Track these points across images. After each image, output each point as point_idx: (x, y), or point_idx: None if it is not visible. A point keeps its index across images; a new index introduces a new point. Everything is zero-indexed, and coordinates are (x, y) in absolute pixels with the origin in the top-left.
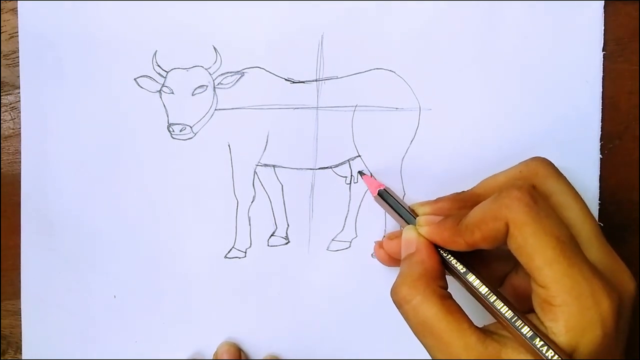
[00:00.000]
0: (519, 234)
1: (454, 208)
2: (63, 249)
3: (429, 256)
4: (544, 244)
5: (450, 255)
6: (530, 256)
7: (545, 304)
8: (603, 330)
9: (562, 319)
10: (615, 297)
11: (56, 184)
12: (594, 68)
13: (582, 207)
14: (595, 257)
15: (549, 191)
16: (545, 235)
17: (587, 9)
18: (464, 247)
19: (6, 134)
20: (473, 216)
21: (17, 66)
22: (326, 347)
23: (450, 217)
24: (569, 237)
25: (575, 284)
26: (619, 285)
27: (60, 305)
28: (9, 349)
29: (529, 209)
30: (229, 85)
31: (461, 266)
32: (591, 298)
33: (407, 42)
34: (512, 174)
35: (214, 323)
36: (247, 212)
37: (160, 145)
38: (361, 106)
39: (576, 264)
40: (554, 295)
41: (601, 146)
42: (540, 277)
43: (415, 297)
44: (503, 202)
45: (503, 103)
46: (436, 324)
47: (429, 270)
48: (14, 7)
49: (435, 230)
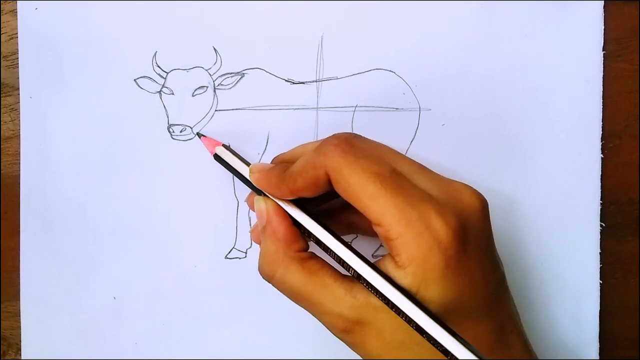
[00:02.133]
0: (340, 178)
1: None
2: (63, 250)
3: (280, 223)
4: (364, 182)
5: (301, 212)
6: (357, 197)
7: (387, 242)
8: (443, 254)
9: (402, 251)
10: (451, 217)
11: (56, 185)
12: (594, 68)
13: (385, 151)
14: (424, 185)
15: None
16: (364, 173)
17: (587, 9)
18: (288, 195)
19: (6, 136)
20: (296, 165)
21: (17, 67)
22: (326, 347)
23: (279, 166)
24: (390, 171)
25: (403, 212)
26: (457, 204)
27: (60, 307)
28: (9, 350)
29: (345, 153)
30: (229, 86)
31: (308, 221)
32: (421, 222)
33: (407, 42)
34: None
35: (214, 323)
36: (247, 213)
37: (160, 146)
38: (361, 106)
39: (400, 193)
40: (388, 229)
41: (601, 146)
42: (372, 215)
43: (277, 271)
44: (322, 150)
45: (503, 103)
46: (303, 288)
47: (282, 239)
48: (14, 9)
49: (264, 176)
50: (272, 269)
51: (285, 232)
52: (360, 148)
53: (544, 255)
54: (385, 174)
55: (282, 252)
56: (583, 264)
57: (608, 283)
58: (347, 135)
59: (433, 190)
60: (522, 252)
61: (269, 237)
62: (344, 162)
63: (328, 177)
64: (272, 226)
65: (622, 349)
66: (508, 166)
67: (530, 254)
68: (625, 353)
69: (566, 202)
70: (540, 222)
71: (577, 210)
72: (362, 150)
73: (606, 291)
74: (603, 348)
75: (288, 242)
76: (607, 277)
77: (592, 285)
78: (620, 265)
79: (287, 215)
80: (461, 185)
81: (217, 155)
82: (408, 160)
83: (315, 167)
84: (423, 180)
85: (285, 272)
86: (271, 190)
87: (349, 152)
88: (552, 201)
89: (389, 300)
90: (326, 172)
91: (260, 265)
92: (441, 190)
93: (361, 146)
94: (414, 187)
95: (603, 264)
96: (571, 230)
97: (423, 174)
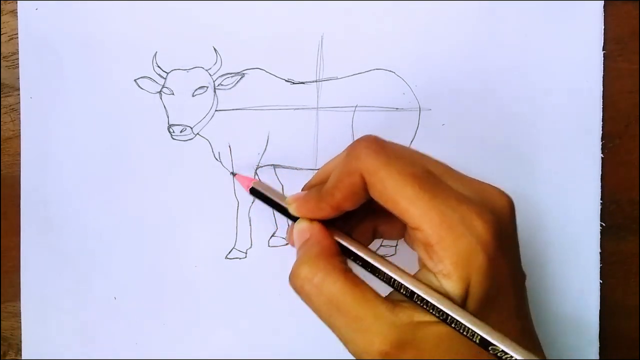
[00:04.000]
0: (375, 180)
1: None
2: (63, 250)
3: (325, 237)
4: (402, 184)
5: (343, 240)
6: (394, 200)
7: (427, 249)
8: (486, 254)
9: (445, 256)
10: (489, 217)
11: (56, 185)
12: (594, 68)
13: (414, 153)
14: (456, 186)
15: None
16: (400, 175)
17: (587, 9)
18: (330, 212)
19: (6, 136)
20: (331, 179)
21: (17, 68)
22: (326, 347)
23: (314, 188)
24: (425, 172)
25: (444, 216)
26: (490, 205)
27: (61, 307)
28: (10, 350)
29: (378, 154)
30: (229, 86)
31: (353, 245)
32: (462, 225)
33: (407, 42)
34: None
35: (214, 323)
36: (247, 213)
37: (160, 147)
38: (361, 106)
39: (438, 195)
40: (429, 234)
41: (601, 146)
42: (410, 219)
43: (317, 274)
44: (353, 154)
45: (503, 103)
46: (342, 298)
47: (326, 248)
48: (14, 9)
49: (302, 203)
50: (311, 272)
51: (329, 244)
52: (391, 149)
53: (544, 255)
54: (422, 176)
55: (325, 258)
56: (583, 264)
57: (608, 283)
58: (374, 137)
59: (466, 191)
60: (522, 251)
61: (312, 244)
62: (379, 164)
63: (364, 183)
64: (315, 237)
65: (622, 349)
66: (508, 166)
67: (531, 254)
68: (625, 353)
69: (566, 202)
70: (541, 222)
71: (577, 210)
72: (394, 151)
73: (606, 291)
74: (603, 348)
75: (332, 252)
76: (607, 277)
77: (592, 285)
78: (620, 265)
79: (330, 233)
80: (490, 187)
81: (253, 189)
82: (436, 161)
83: (350, 173)
84: (454, 182)
85: (325, 277)
86: (312, 213)
87: (381, 152)
88: (552, 201)
89: (448, 316)
90: (361, 176)
91: (297, 268)
92: (473, 191)
93: (391, 147)
94: (450, 189)
95: (603, 264)
96: (571, 230)
97: (453, 175)
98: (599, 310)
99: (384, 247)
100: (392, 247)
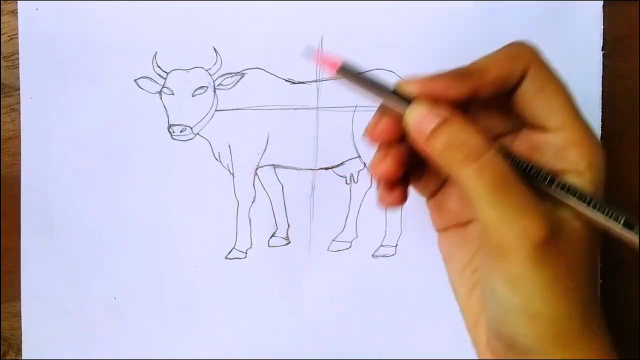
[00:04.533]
0: (542, 75)
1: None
2: (63, 250)
3: (468, 120)
4: (560, 89)
5: None
6: (549, 98)
7: (562, 148)
8: (603, 169)
9: (584, 157)
10: None
11: (56, 185)
12: (593, 67)
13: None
14: None
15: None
16: (558, 81)
17: (587, 9)
18: (466, 93)
19: (6, 136)
20: (484, 60)
21: (17, 68)
22: (327, 348)
23: (450, 70)
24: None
25: (583, 124)
26: None
27: (61, 307)
28: (10, 350)
29: (543, 57)
30: (229, 86)
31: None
32: (593, 136)
33: (407, 42)
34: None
35: (214, 324)
36: (247, 213)
37: (160, 147)
38: (361, 106)
39: (579, 114)
40: (572, 136)
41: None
42: (560, 118)
43: (490, 150)
44: (520, 46)
45: None
46: (511, 176)
47: (484, 132)
48: (14, 9)
49: (431, 80)
50: (484, 146)
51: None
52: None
53: None
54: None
55: (487, 138)
56: None
57: (608, 283)
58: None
59: None
60: None
61: (465, 122)
62: (547, 64)
63: (523, 75)
64: (462, 117)
65: (622, 349)
66: None
67: None
68: (625, 353)
69: None
70: None
71: None
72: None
73: (606, 291)
74: None
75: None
76: (607, 277)
77: None
78: (620, 265)
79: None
80: None
81: (343, 69)
82: None
83: (515, 58)
84: None
85: (497, 154)
86: (442, 90)
87: (545, 59)
88: None
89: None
90: (527, 65)
91: (466, 140)
92: None
93: None
94: None
95: (603, 264)
96: None
97: None
98: None
99: (384, 247)
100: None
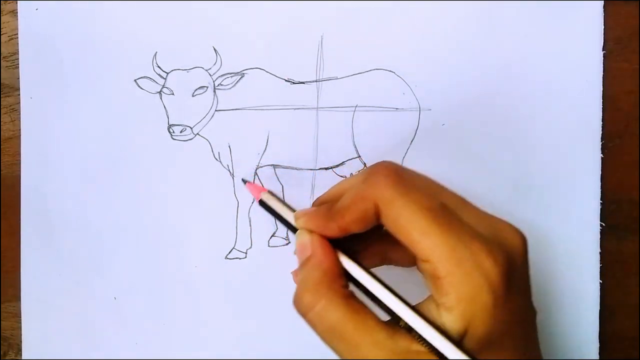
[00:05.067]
0: (390, 210)
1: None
2: (63, 250)
3: (326, 256)
4: (416, 216)
5: (345, 263)
6: (406, 231)
7: (434, 280)
8: (493, 293)
9: (451, 291)
10: (500, 256)
11: (56, 185)
12: (593, 68)
13: (432, 184)
14: (470, 221)
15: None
16: (416, 206)
17: (587, 9)
18: (337, 232)
19: (6, 136)
20: (344, 200)
21: (17, 68)
22: (326, 348)
23: (325, 205)
24: (441, 206)
25: (454, 251)
26: (503, 243)
27: (61, 307)
28: (10, 350)
29: (396, 185)
30: (229, 86)
31: (355, 270)
32: (472, 261)
33: (407, 42)
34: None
35: (214, 324)
36: (247, 213)
37: (160, 147)
38: (361, 106)
39: (451, 229)
40: (437, 267)
41: (601, 146)
42: (420, 251)
43: (319, 302)
44: (370, 182)
45: (503, 103)
46: (343, 327)
47: (328, 272)
48: (14, 9)
49: (310, 218)
50: (314, 299)
51: (331, 265)
52: (410, 179)
53: (544, 255)
54: (437, 209)
55: (327, 284)
56: (583, 264)
57: (608, 283)
58: (395, 166)
59: (479, 227)
60: None
61: (313, 266)
62: (396, 194)
63: (377, 210)
64: (317, 257)
65: (622, 349)
66: (508, 166)
67: (530, 254)
68: (625, 353)
69: (566, 201)
70: (541, 222)
71: (577, 210)
72: (412, 181)
73: (606, 291)
74: (603, 348)
75: (334, 275)
76: (607, 277)
77: (591, 285)
78: (620, 265)
79: (332, 250)
80: (504, 223)
81: (262, 201)
82: (452, 194)
83: (364, 199)
84: (468, 216)
85: (328, 305)
86: (319, 229)
87: (400, 183)
88: (552, 201)
89: (442, 355)
90: (375, 204)
91: (300, 294)
92: (486, 228)
93: (410, 177)
94: (463, 224)
95: (603, 264)
96: (571, 230)
97: (468, 209)
98: (599, 310)
99: None
100: None
